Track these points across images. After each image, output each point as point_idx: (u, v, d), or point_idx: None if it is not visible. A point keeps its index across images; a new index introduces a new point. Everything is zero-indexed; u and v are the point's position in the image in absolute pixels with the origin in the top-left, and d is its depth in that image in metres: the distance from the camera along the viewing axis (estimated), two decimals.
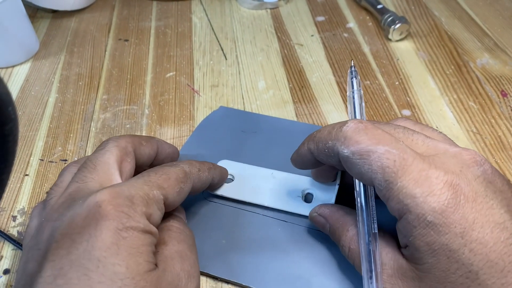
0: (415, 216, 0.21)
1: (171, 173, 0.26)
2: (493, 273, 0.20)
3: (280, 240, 0.30)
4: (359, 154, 0.23)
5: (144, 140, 0.29)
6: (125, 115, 0.42)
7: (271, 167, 0.33)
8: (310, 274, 0.28)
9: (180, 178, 0.26)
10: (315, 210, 0.29)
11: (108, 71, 0.47)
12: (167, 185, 0.25)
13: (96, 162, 0.26)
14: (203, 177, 0.28)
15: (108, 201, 0.22)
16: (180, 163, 0.27)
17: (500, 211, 0.21)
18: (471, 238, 0.20)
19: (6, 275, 0.30)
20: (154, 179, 0.24)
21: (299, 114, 0.40)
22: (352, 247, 0.25)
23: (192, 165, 0.28)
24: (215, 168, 0.31)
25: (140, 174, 0.25)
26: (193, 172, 0.27)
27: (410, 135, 0.24)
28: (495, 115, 0.39)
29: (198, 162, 0.29)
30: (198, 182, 0.28)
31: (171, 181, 0.25)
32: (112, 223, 0.21)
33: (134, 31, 0.52)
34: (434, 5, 0.53)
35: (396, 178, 0.21)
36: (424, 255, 0.21)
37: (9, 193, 0.35)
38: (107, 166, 0.25)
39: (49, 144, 0.39)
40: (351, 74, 0.29)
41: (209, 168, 0.29)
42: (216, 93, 0.43)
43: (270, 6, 0.54)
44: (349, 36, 0.49)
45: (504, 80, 0.42)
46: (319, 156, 0.26)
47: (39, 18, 0.55)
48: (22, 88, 0.45)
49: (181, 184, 0.26)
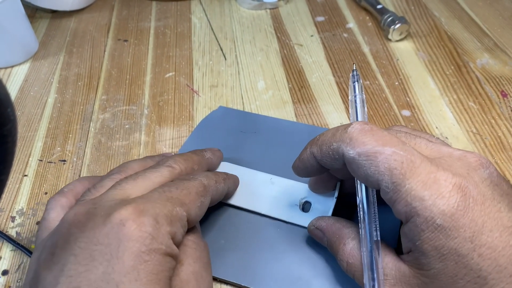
0: (423, 219, 0.20)
1: (191, 188, 0.25)
2: (502, 278, 0.20)
3: (280, 240, 0.30)
4: (365, 155, 0.22)
5: (221, 176, 0.29)
6: (124, 115, 0.41)
7: (270, 167, 0.33)
8: (309, 275, 0.28)
9: (200, 192, 0.25)
10: (313, 223, 0.28)
11: (107, 71, 0.47)
12: (188, 201, 0.24)
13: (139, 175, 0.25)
14: (220, 188, 0.28)
15: (133, 220, 0.21)
16: (197, 176, 0.27)
17: (508, 214, 0.21)
18: (480, 242, 0.20)
19: (4, 276, 0.30)
20: (176, 195, 0.24)
21: (299, 114, 0.40)
22: (351, 261, 0.25)
23: (209, 177, 0.27)
24: (229, 178, 0.30)
25: (159, 187, 0.25)
26: (211, 184, 0.27)
27: (412, 139, 0.24)
28: (495, 116, 0.39)
29: (213, 174, 0.28)
30: (216, 194, 0.27)
31: (192, 196, 0.25)
32: (135, 245, 0.20)
33: (134, 31, 0.52)
34: (434, 5, 0.52)
35: (404, 180, 0.21)
36: (431, 260, 0.21)
37: (8, 194, 0.35)
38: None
39: (48, 145, 0.39)
40: (353, 78, 0.29)
41: (224, 178, 0.29)
42: (215, 93, 0.43)
43: (270, 6, 0.54)
44: (349, 36, 0.49)
45: (504, 80, 0.42)
46: (322, 159, 0.25)
47: (38, 18, 0.55)
48: (21, 88, 0.45)
49: (202, 198, 0.25)
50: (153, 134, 0.39)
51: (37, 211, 0.34)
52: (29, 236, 0.32)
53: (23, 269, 0.31)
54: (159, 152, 0.37)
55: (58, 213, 0.26)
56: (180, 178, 0.26)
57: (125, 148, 0.38)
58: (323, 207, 0.30)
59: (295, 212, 0.31)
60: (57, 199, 0.27)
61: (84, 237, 0.21)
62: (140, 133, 0.39)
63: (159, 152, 0.37)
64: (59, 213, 0.26)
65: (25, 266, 0.31)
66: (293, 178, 0.32)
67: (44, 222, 0.26)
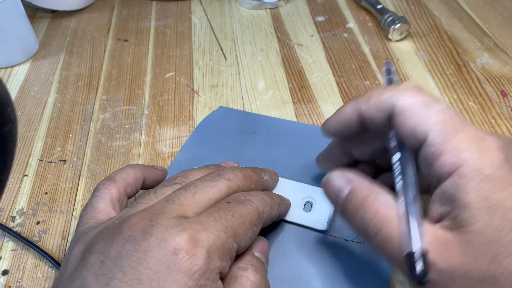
0: (472, 169, 0.20)
1: (246, 216, 0.24)
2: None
3: (279, 240, 0.30)
4: (419, 105, 0.22)
5: None
6: (125, 115, 0.41)
7: (271, 167, 0.33)
8: (309, 275, 0.28)
9: (254, 221, 0.24)
10: (338, 172, 0.25)
11: (108, 71, 0.47)
12: (242, 231, 0.23)
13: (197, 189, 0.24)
14: (272, 214, 0.27)
15: (186, 251, 0.21)
16: (253, 199, 0.25)
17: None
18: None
19: (5, 275, 0.30)
20: (231, 224, 0.23)
21: (299, 114, 0.40)
22: (382, 212, 0.22)
23: (265, 203, 0.26)
24: (283, 203, 0.29)
25: (215, 208, 0.24)
26: (265, 211, 0.26)
27: None
28: (495, 115, 0.39)
29: (269, 198, 0.27)
30: (267, 221, 0.26)
31: (246, 226, 0.24)
32: (183, 278, 0.20)
33: (134, 31, 0.52)
34: (434, 5, 0.52)
35: (454, 132, 0.21)
36: (477, 212, 0.20)
37: (8, 194, 0.35)
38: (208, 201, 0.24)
39: (48, 145, 0.39)
40: (388, 74, 0.28)
41: (278, 204, 0.28)
42: (215, 93, 0.43)
43: (270, 6, 0.54)
44: (349, 36, 0.49)
45: (504, 80, 0.42)
46: (367, 110, 0.24)
47: (39, 18, 0.55)
48: (21, 88, 0.45)
49: (254, 228, 0.24)
50: (153, 134, 0.39)
51: (37, 211, 0.34)
52: (29, 236, 0.32)
53: (23, 269, 0.31)
54: (159, 152, 0.37)
55: (107, 204, 0.26)
56: (236, 199, 0.25)
57: (125, 148, 0.38)
58: (325, 207, 0.30)
59: (297, 212, 0.31)
60: (108, 187, 0.27)
61: (136, 257, 0.21)
62: (140, 133, 0.39)
63: (159, 152, 0.38)
64: (108, 204, 0.26)
65: (25, 266, 0.31)
66: (294, 178, 0.32)
67: (92, 210, 0.25)
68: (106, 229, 0.23)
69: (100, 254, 0.21)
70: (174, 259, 0.20)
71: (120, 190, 0.27)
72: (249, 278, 0.23)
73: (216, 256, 0.21)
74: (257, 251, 0.25)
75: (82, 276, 0.21)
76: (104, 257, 0.21)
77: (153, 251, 0.21)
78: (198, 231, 0.22)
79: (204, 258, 0.21)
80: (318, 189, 0.32)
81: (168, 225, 0.22)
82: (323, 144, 0.31)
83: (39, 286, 0.30)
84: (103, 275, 0.20)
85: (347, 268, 0.28)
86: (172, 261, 0.20)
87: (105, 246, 0.22)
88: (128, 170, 0.28)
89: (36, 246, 0.31)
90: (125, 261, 0.21)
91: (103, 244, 0.22)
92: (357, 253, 0.29)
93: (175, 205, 0.23)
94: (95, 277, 0.21)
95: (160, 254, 0.20)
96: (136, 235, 0.21)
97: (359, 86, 0.42)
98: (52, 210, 0.34)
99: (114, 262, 0.21)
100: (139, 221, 0.22)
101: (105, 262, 0.21)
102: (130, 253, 0.21)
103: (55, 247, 0.32)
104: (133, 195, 0.29)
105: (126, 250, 0.21)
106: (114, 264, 0.21)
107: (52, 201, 0.35)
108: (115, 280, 0.20)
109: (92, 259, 0.21)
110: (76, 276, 0.21)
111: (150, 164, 0.36)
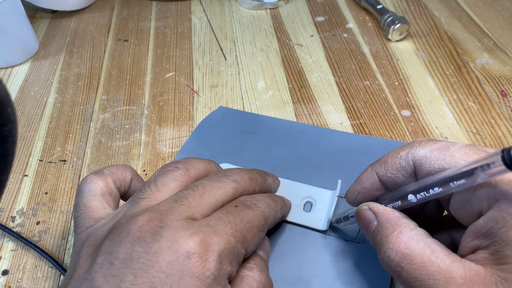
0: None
1: (254, 221, 0.24)
2: None
3: (280, 240, 0.30)
4: (438, 150, 0.22)
5: None
6: (125, 115, 0.41)
7: (271, 168, 0.33)
8: (309, 275, 0.28)
9: (261, 227, 0.24)
10: (366, 204, 0.25)
11: (108, 71, 0.47)
12: (250, 236, 0.23)
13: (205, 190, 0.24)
14: (276, 218, 0.27)
15: (198, 255, 0.20)
16: (259, 203, 0.25)
17: None
18: None
19: (5, 276, 0.30)
20: (240, 228, 0.23)
21: (299, 114, 0.40)
22: (406, 252, 0.22)
23: (270, 207, 0.26)
24: (285, 205, 0.29)
25: (224, 212, 0.23)
26: (270, 216, 0.26)
27: None
28: (494, 116, 0.39)
29: (273, 201, 0.27)
30: (271, 225, 0.27)
31: (253, 232, 0.23)
32: (196, 283, 0.20)
33: (134, 31, 0.52)
34: (434, 6, 0.53)
35: None
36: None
37: (8, 194, 0.35)
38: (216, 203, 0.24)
39: (48, 145, 0.39)
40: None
41: (281, 207, 0.28)
42: (215, 94, 0.43)
43: (270, 6, 0.54)
44: (348, 37, 0.49)
45: (503, 80, 0.42)
46: (386, 173, 0.25)
47: (39, 18, 0.55)
48: (21, 88, 0.45)
49: (261, 233, 0.24)
50: (153, 134, 0.39)
51: (37, 211, 0.34)
52: (29, 236, 0.32)
53: (23, 269, 0.31)
54: (159, 152, 0.37)
55: (100, 200, 0.25)
56: (243, 204, 0.25)
57: (125, 148, 0.38)
58: (325, 207, 0.31)
59: (297, 212, 0.31)
60: (95, 181, 0.26)
61: (147, 259, 0.20)
62: (140, 133, 0.39)
63: (159, 152, 0.38)
64: (101, 200, 0.25)
65: (25, 266, 0.31)
66: (294, 178, 0.32)
67: (86, 209, 0.25)
68: (112, 229, 0.22)
69: (108, 255, 0.21)
70: (187, 263, 0.20)
71: (108, 183, 0.26)
72: (254, 277, 0.23)
73: (226, 261, 0.21)
74: (260, 250, 0.25)
75: (90, 277, 0.21)
76: (113, 258, 0.21)
77: (164, 253, 0.20)
78: (209, 235, 0.21)
79: (216, 263, 0.21)
80: (318, 189, 0.32)
81: (179, 227, 0.21)
82: (323, 144, 0.31)
83: (39, 286, 0.30)
84: (113, 277, 0.20)
85: (347, 268, 0.28)
86: (185, 265, 0.20)
87: (113, 247, 0.21)
88: (118, 166, 0.28)
89: (36, 246, 0.31)
90: (136, 263, 0.20)
91: (110, 244, 0.21)
92: (357, 253, 0.29)
93: (184, 206, 0.23)
94: (104, 278, 0.20)
95: (172, 257, 0.20)
96: (146, 237, 0.21)
97: (358, 86, 0.42)
98: (52, 210, 0.34)
99: (124, 263, 0.20)
100: (148, 221, 0.22)
101: (114, 264, 0.20)
102: (140, 255, 0.20)
103: (55, 247, 0.32)
104: (124, 191, 0.28)
105: (136, 251, 0.21)
106: (124, 266, 0.20)
107: (52, 201, 0.35)
108: (126, 283, 0.20)
109: (101, 260, 0.21)
110: (85, 277, 0.21)
111: (150, 164, 0.36)
